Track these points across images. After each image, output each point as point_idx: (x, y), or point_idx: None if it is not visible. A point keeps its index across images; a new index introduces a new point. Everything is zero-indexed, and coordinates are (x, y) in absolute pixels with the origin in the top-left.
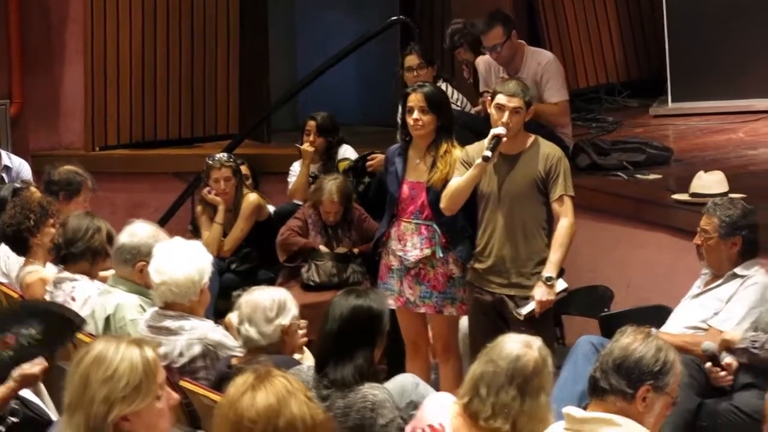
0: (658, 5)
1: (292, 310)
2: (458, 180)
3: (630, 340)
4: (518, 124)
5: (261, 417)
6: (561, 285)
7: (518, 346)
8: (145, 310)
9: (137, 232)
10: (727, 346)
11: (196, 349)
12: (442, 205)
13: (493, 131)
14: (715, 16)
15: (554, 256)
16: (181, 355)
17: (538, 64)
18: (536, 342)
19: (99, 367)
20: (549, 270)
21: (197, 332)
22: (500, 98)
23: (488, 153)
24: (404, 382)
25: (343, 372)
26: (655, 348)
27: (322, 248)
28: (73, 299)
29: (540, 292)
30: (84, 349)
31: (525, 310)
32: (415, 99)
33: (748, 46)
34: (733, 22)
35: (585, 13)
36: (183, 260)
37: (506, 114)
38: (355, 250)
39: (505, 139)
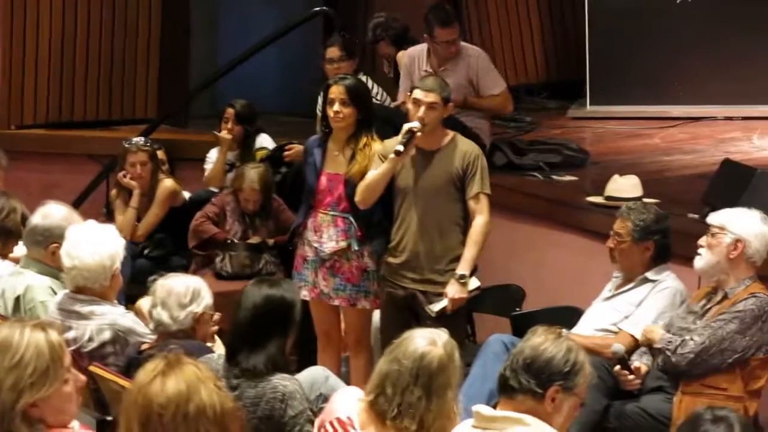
0: (580, 8)
1: (207, 299)
2: (373, 173)
3: (541, 340)
4: (434, 119)
5: (171, 403)
6: (474, 283)
7: (423, 343)
8: (56, 293)
9: (51, 213)
10: (648, 344)
11: (106, 335)
12: (356, 198)
13: (407, 126)
14: (636, 22)
15: (468, 253)
16: (90, 340)
17: (470, 57)
18: (442, 337)
19: (4, 354)
20: (462, 267)
21: (107, 318)
22: (417, 93)
23: (400, 147)
24: (315, 374)
25: (255, 361)
26: (565, 349)
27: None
28: None
29: (452, 290)
30: None
31: (437, 307)
32: (336, 91)
33: (668, 52)
34: (653, 28)
35: (507, 12)
36: (94, 245)
37: (422, 109)
38: (270, 241)
39: (419, 134)
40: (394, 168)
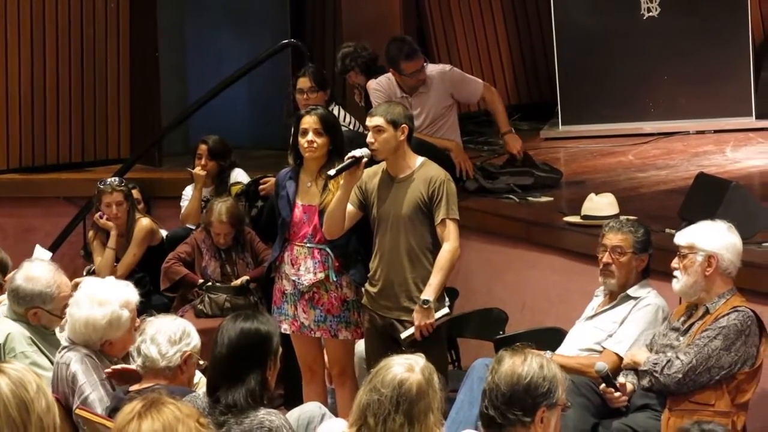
0: (548, 29)
1: (195, 340)
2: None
3: (511, 368)
4: (384, 143)
5: None
6: (442, 311)
7: (400, 370)
8: (35, 343)
9: (35, 276)
10: (633, 368)
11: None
12: (323, 229)
13: (351, 152)
14: (604, 40)
15: (434, 279)
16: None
17: (443, 73)
18: (419, 362)
19: (26, 388)
20: (427, 293)
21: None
22: (366, 120)
23: (331, 172)
24: (312, 412)
25: (234, 396)
26: (537, 366)
27: (201, 281)
28: None
29: (417, 317)
30: None
31: (405, 335)
32: (309, 121)
33: (637, 70)
34: (621, 46)
35: (476, 36)
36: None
37: (369, 134)
38: (247, 277)
39: (365, 160)
40: (346, 195)
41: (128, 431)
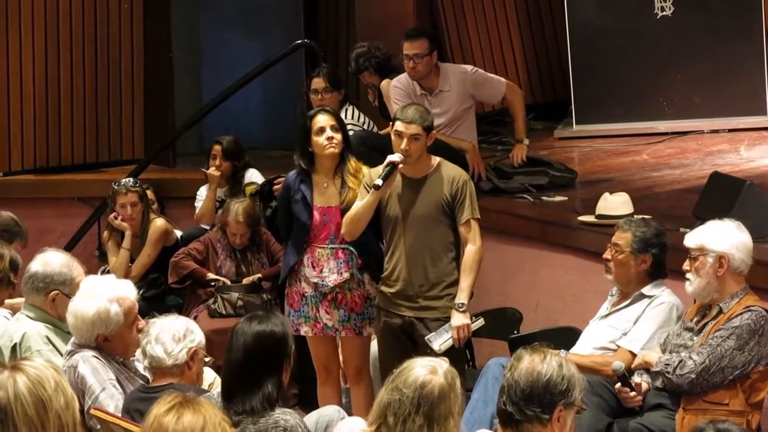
0: (561, 28)
1: (200, 336)
2: (357, 206)
3: (531, 365)
4: (419, 150)
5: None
6: (478, 323)
7: (423, 372)
8: (51, 342)
9: (50, 260)
10: (646, 368)
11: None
12: (342, 230)
13: (389, 158)
14: (618, 40)
15: (464, 282)
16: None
17: (464, 73)
18: (442, 365)
19: (44, 386)
20: (461, 297)
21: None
22: (398, 125)
23: (379, 182)
24: (331, 416)
25: (251, 402)
26: (556, 365)
27: (210, 275)
28: None
29: (456, 319)
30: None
31: (440, 345)
32: (325, 119)
33: (650, 69)
34: (635, 45)
35: (489, 35)
36: (84, 303)
37: (404, 141)
38: (259, 275)
39: (401, 165)
40: (377, 201)
41: (165, 422)
